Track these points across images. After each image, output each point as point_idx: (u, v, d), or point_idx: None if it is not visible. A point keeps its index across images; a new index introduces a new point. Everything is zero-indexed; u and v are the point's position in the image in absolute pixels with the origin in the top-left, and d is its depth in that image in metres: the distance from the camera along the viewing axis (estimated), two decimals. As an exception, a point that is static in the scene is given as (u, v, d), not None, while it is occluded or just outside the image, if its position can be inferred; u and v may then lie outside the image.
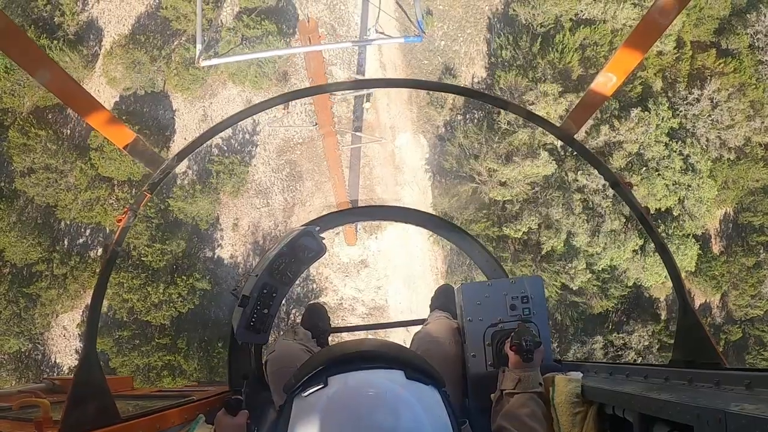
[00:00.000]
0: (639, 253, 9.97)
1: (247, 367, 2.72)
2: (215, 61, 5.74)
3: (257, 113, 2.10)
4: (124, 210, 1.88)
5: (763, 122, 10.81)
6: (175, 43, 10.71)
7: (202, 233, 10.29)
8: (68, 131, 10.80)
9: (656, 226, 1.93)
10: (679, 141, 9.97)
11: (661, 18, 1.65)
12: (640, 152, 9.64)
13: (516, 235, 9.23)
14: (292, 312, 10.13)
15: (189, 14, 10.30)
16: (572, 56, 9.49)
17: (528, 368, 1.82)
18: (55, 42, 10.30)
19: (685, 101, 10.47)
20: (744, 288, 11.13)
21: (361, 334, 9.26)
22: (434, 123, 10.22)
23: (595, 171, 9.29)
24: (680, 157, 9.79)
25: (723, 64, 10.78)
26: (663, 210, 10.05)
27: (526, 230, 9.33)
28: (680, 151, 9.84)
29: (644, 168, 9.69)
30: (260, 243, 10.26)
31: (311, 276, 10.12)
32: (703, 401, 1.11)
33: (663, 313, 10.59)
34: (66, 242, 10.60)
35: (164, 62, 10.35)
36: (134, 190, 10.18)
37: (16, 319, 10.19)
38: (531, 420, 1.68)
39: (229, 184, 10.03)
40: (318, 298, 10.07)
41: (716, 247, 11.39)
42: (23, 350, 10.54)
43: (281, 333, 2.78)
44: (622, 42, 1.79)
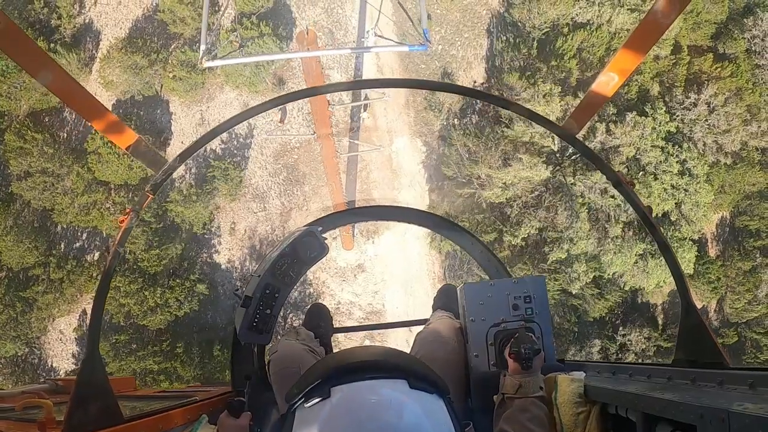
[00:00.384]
0: (640, 257, 9.99)
1: (250, 368, 2.73)
2: (218, 62, 5.71)
3: (258, 114, 2.11)
4: (127, 211, 1.88)
5: (760, 126, 10.84)
6: (173, 47, 10.69)
7: (199, 237, 10.27)
8: (65, 134, 10.77)
9: (659, 225, 1.92)
10: (676, 145, 9.99)
11: (663, 17, 1.65)
12: (637, 157, 9.65)
13: (516, 242, 9.24)
14: (290, 316, 10.12)
15: (186, 18, 10.29)
16: (571, 61, 9.50)
17: (527, 374, 1.82)
18: (52, 45, 10.28)
19: (682, 105, 10.48)
20: (741, 291, 11.16)
21: (363, 335, 9.23)
22: (431, 127, 10.22)
23: (596, 172, 9.36)
24: (677, 161, 9.81)
25: (720, 69, 10.80)
26: (660, 214, 10.06)
27: (526, 236, 9.35)
28: (677, 156, 9.86)
29: (641, 172, 9.70)
30: (257, 247, 10.24)
31: (308, 280, 10.11)
32: (707, 401, 1.11)
33: (660, 318, 10.61)
34: (62, 246, 10.57)
35: (161, 66, 10.33)
36: (131, 195, 10.16)
37: (13, 323, 10.16)
38: (532, 424, 1.68)
39: (226, 189, 10.02)
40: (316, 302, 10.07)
41: (713, 251, 11.42)
42: (20, 354, 10.51)
43: (284, 334, 2.78)
44: (624, 41, 1.79)
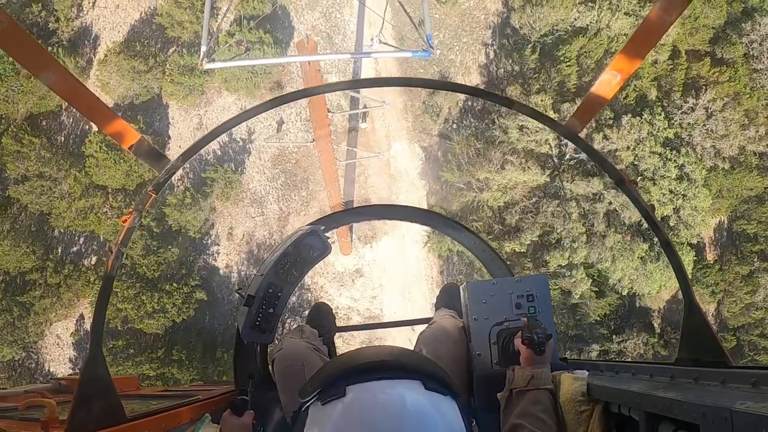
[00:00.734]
0: (641, 261, 10.00)
1: (253, 367, 2.72)
2: (218, 65, 5.65)
3: (260, 113, 2.11)
4: (129, 210, 1.88)
5: (758, 131, 10.87)
6: (171, 50, 10.68)
7: (197, 242, 10.26)
8: (62, 138, 10.74)
9: (661, 225, 1.92)
10: (674, 150, 10.01)
11: (666, 14, 1.63)
12: (635, 163, 9.67)
13: (520, 249, 9.25)
14: (287, 321, 10.10)
15: (184, 22, 10.28)
16: (571, 67, 9.51)
17: (539, 364, 1.82)
18: (50, 49, 10.25)
19: (681, 110, 10.50)
20: (739, 296, 11.17)
21: (363, 338, 9.20)
22: (430, 132, 10.22)
23: (594, 177, 9.37)
24: (675, 167, 9.82)
25: (718, 73, 10.82)
26: (660, 218, 10.08)
27: (529, 243, 9.36)
28: (675, 161, 9.88)
29: (639, 177, 9.71)
30: (255, 252, 10.23)
31: (307, 285, 10.10)
32: (710, 399, 1.11)
33: (657, 323, 10.62)
34: (60, 250, 10.55)
35: (159, 69, 10.31)
36: (128, 199, 10.14)
37: (10, 328, 10.13)
38: (546, 416, 1.67)
39: (224, 193, 10.00)
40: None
41: (711, 256, 11.43)
42: (17, 359, 10.47)
43: (287, 333, 2.79)
44: (628, 39, 1.78)
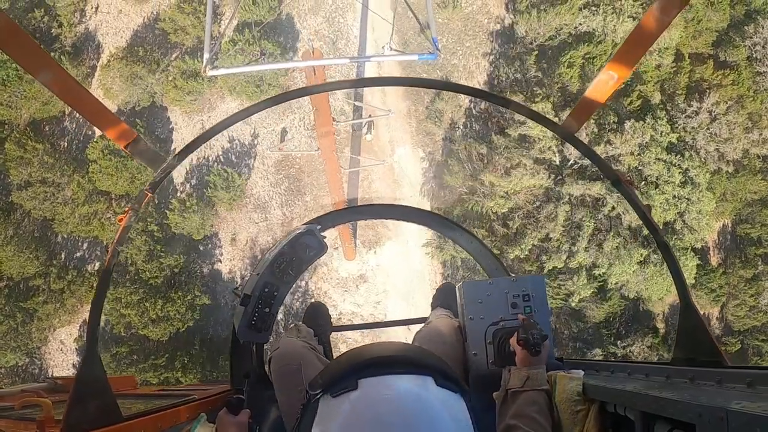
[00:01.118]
0: (642, 265, 9.98)
1: (249, 366, 2.72)
2: (222, 72, 5.62)
3: (257, 112, 2.11)
4: (126, 209, 1.88)
5: (761, 134, 10.85)
6: (174, 56, 10.67)
7: (200, 248, 10.25)
8: (65, 144, 10.74)
9: (658, 225, 1.92)
10: (678, 154, 9.99)
11: (663, 14, 1.63)
12: (639, 168, 9.65)
13: (522, 255, 9.24)
14: (290, 325, 10.09)
15: (187, 27, 10.27)
16: (574, 72, 9.50)
17: (535, 365, 1.82)
18: (53, 54, 10.24)
19: (684, 114, 10.49)
20: (743, 299, 11.15)
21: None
22: (433, 137, 10.21)
23: (595, 182, 9.35)
24: (679, 171, 9.81)
25: (721, 76, 10.81)
26: (664, 224, 10.06)
27: (530, 248, 9.34)
28: (679, 165, 9.86)
29: (643, 182, 9.70)
30: (258, 257, 10.21)
31: (310, 290, 10.09)
32: (705, 399, 1.11)
33: (662, 327, 10.60)
34: (63, 256, 10.54)
35: (162, 75, 10.31)
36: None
37: (13, 334, 10.12)
38: (541, 416, 1.68)
39: (227, 199, 9.99)
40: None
41: (714, 259, 11.41)
42: (20, 364, 10.47)
43: (285, 331, 2.78)
44: (624, 40, 1.78)
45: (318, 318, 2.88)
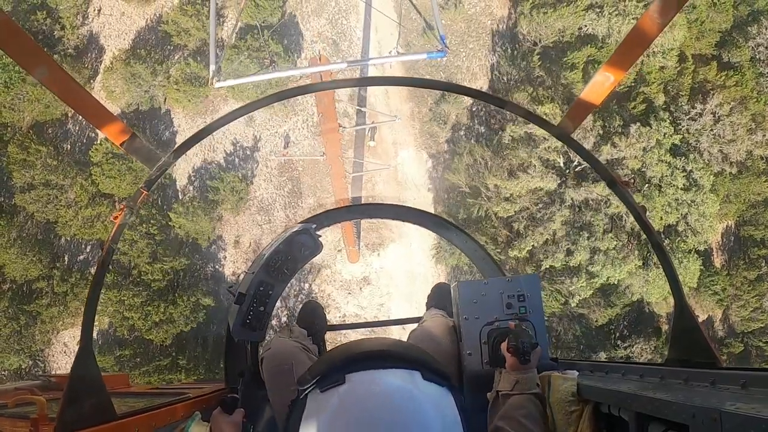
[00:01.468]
0: (642, 267, 9.96)
1: (243, 365, 2.71)
2: (229, 83, 5.63)
3: (256, 110, 2.10)
4: (121, 207, 1.87)
5: (765, 135, 10.82)
6: (176, 58, 10.66)
7: (204, 250, 10.24)
8: (68, 146, 10.74)
9: (653, 227, 1.92)
10: (682, 156, 9.96)
11: (659, 17, 1.63)
12: (642, 170, 9.63)
13: (522, 255, 9.23)
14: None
15: (190, 29, 10.26)
16: (576, 75, 9.49)
17: (525, 370, 1.82)
18: (56, 57, 10.23)
19: (688, 116, 10.46)
20: (747, 300, 11.13)
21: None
22: (437, 139, 10.20)
23: (597, 184, 9.33)
24: (683, 174, 9.78)
25: (725, 77, 10.78)
26: (666, 226, 10.04)
27: (530, 248, 9.33)
28: (683, 167, 9.84)
29: (647, 185, 9.67)
30: (262, 260, 10.21)
31: (314, 293, 10.08)
32: (699, 400, 1.11)
33: (665, 328, 10.58)
34: (66, 259, 10.54)
35: (165, 77, 10.29)
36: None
37: (17, 336, 10.12)
38: (527, 420, 1.67)
39: (231, 201, 9.98)
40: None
41: (718, 261, 11.39)
42: (23, 367, 10.47)
43: (277, 331, 2.78)
44: (621, 41, 1.77)
45: (313, 318, 2.88)
